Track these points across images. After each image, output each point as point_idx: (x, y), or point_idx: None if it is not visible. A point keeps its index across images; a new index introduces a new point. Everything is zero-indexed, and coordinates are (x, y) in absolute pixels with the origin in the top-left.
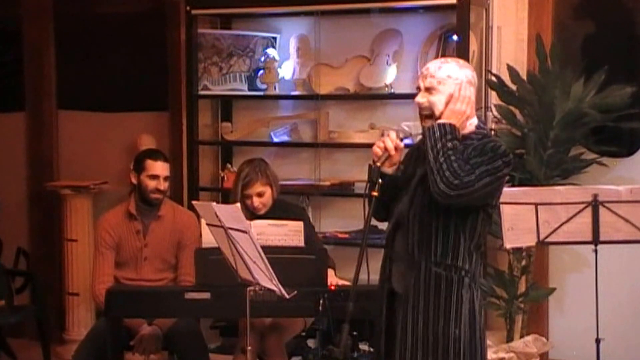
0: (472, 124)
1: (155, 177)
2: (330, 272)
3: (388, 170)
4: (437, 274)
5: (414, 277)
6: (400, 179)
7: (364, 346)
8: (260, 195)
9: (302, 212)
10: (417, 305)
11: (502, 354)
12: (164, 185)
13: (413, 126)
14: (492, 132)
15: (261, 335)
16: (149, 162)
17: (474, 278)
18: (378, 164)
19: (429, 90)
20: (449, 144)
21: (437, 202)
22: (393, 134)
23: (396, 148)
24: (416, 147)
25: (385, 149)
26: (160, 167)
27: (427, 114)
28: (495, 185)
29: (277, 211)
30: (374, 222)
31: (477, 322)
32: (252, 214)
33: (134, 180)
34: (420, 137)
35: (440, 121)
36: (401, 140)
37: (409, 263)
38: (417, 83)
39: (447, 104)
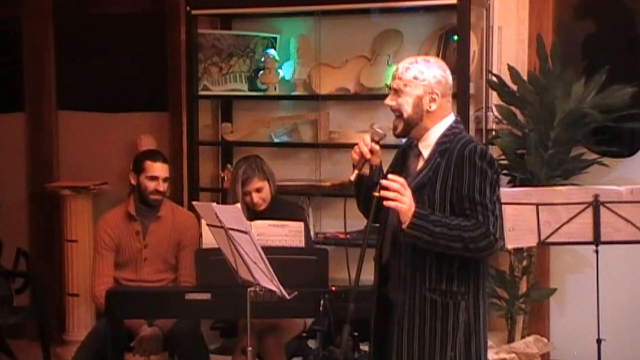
0: (445, 122)
1: (154, 178)
2: None
3: (367, 172)
4: (432, 300)
5: (407, 302)
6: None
7: (364, 347)
8: (259, 190)
9: (299, 211)
10: (411, 330)
11: (503, 355)
12: (163, 187)
13: (385, 126)
14: (493, 132)
15: (260, 336)
16: (148, 163)
17: (474, 297)
18: (356, 170)
19: (396, 92)
20: (437, 229)
21: None
22: (367, 138)
23: (372, 151)
24: (401, 150)
25: (362, 154)
26: (159, 169)
27: (397, 115)
28: (497, 193)
29: (276, 209)
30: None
31: (474, 341)
32: (252, 213)
33: (133, 182)
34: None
35: (409, 221)
36: (377, 143)
37: (402, 286)
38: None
39: (414, 106)
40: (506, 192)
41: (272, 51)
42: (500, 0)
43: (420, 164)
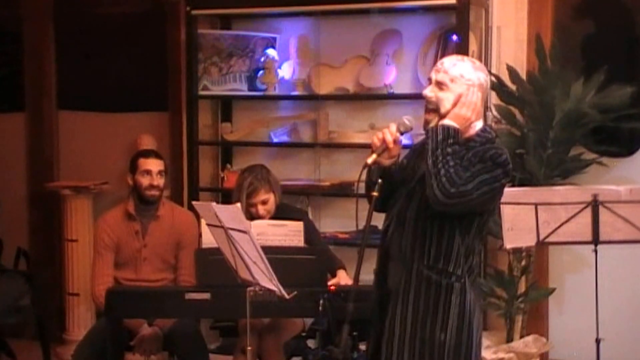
0: (475, 127)
1: (148, 172)
2: (342, 272)
3: (385, 162)
4: (427, 277)
5: (404, 278)
6: (399, 173)
7: (364, 346)
8: (264, 202)
9: (303, 216)
10: (405, 306)
11: (501, 354)
12: (158, 181)
13: (414, 120)
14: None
15: (259, 335)
16: (141, 160)
17: (468, 283)
18: (375, 154)
19: (439, 85)
20: (449, 149)
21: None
22: (393, 127)
23: (395, 141)
24: (421, 143)
25: (384, 141)
26: (152, 163)
27: (432, 109)
28: (494, 193)
29: (280, 215)
30: (373, 222)
31: (467, 328)
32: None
33: (130, 182)
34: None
35: (445, 122)
36: (401, 134)
37: (402, 263)
38: (429, 75)
39: (454, 104)
40: (505, 191)
41: (271, 51)
42: (499, 0)
43: None
